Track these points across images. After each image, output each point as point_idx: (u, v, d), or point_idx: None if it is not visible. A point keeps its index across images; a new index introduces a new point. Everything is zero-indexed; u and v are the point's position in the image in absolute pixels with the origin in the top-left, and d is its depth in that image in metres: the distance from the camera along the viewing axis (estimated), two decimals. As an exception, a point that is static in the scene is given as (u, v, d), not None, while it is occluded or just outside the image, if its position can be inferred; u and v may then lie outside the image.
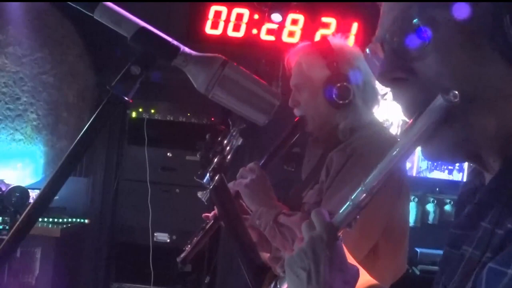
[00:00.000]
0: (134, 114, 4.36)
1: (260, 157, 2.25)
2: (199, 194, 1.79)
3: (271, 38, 4.40)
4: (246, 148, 4.30)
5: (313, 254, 1.01)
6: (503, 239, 0.80)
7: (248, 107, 1.09)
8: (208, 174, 1.65)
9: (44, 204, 1.10)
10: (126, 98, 1.09)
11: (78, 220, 4.34)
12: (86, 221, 4.38)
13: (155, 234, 4.24)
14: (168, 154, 4.34)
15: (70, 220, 4.25)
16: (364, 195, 0.96)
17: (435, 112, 0.85)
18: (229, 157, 1.73)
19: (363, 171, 1.96)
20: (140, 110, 4.36)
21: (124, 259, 4.35)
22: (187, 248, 2.11)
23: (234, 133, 1.72)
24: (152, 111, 4.36)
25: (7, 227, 3.12)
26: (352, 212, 0.99)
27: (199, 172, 1.67)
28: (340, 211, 1.01)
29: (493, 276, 0.76)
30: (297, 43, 2.22)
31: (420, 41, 0.86)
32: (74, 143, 1.08)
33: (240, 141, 1.75)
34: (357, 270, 1.06)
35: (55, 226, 4.03)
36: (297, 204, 2.09)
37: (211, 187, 1.68)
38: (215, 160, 1.65)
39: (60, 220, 4.14)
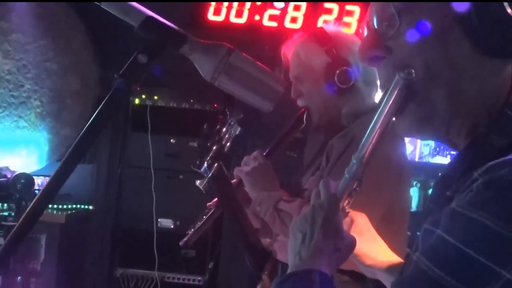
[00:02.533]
0: (137, 101, 4.37)
1: (263, 146, 2.29)
2: (198, 183, 1.81)
3: (274, 24, 4.39)
4: (248, 136, 4.33)
5: (312, 220, 1.10)
6: (442, 204, 0.86)
7: (253, 94, 1.11)
8: (205, 163, 1.67)
9: (53, 192, 1.13)
10: (134, 87, 1.10)
11: (83, 206, 4.38)
12: (91, 207, 4.42)
13: (159, 220, 4.26)
14: (171, 140, 4.35)
15: (74, 206, 4.28)
16: (356, 166, 1.05)
17: (394, 89, 0.94)
18: (227, 146, 1.75)
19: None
20: (143, 97, 4.36)
21: (129, 245, 4.38)
22: (189, 232, 2.14)
23: (232, 123, 1.73)
24: (155, 97, 4.36)
25: (12, 214, 3.13)
26: (350, 183, 1.08)
27: (197, 162, 1.69)
28: (340, 184, 1.10)
29: (426, 235, 0.84)
30: (299, 29, 2.24)
31: (395, 22, 0.93)
32: (82, 131, 1.10)
33: (238, 130, 1.77)
34: (353, 240, 1.14)
35: (59, 213, 4.06)
36: (298, 191, 2.12)
37: (210, 175, 1.70)
38: (213, 149, 1.67)
39: (65, 206, 4.17)
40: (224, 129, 1.71)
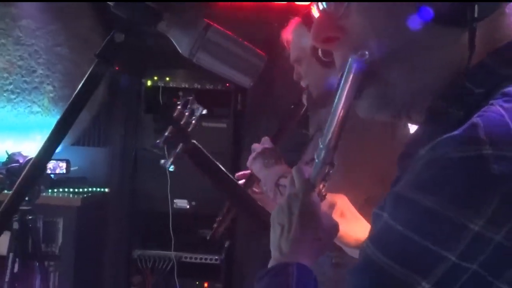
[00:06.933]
0: (149, 83, 4.37)
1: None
2: (162, 162, 1.83)
3: (283, 1, 4.36)
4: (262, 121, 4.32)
5: (288, 210, 1.08)
6: (391, 185, 0.83)
7: (233, 70, 1.10)
8: (162, 143, 1.69)
9: (39, 169, 1.13)
10: (112, 66, 1.09)
11: (98, 189, 4.40)
12: (106, 190, 4.44)
13: (174, 201, 4.28)
14: (184, 121, 4.35)
15: (90, 189, 4.31)
16: (324, 150, 1.02)
17: (349, 72, 0.89)
18: (191, 125, 1.76)
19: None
20: (155, 78, 4.36)
21: (146, 227, 4.41)
22: (215, 226, 2.22)
23: (191, 103, 1.74)
24: (167, 79, 4.36)
25: (26, 198, 3.16)
26: (322, 168, 1.05)
27: (158, 141, 1.70)
28: (313, 169, 1.07)
29: (375, 219, 0.81)
30: (309, 5, 2.24)
31: None
32: (64, 111, 1.10)
33: (200, 109, 1.78)
34: (334, 225, 1.13)
35: (75, 196, 4.09)
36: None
37: (176, 153, 1.72)
38: (169, 129, 1.67)
39: (81, 190, 4.20)
40: (180, 107, 1.70)
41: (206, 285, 4.32)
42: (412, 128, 1.10)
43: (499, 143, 0.68)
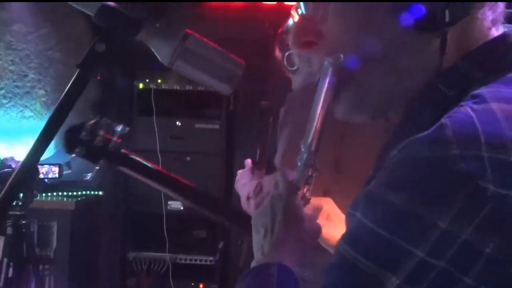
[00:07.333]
0: (141, 85, 4.38)
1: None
2: (88, 177, 1.85)
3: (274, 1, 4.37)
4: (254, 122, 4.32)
5: (271, 212, 1.08)
6: (365, 185, 0.84)
7: (212, 78, 1.10)
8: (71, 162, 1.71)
9: (28, 171, 1.14)
10: (95, 75, 1.11)
11: (92, 192, 4.40)
12: (100, 193, 4.45)
13: (168, 202, 4.29)
14: (177, 123, 4.37)
15: (84, 193, 4.31)
16: (306, 154, 1.04)
17: (326, 76, 0.92)
18: (112, 142, 1.78)
19: (296, 119, 2.10)
20: (147, 81, 4.38)
21: (140, 229, 4.42)
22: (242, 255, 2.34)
23: (104, 123, 1.75)
24: (159, 81, 4.38)
25: (19, 203, 3.16)
26: (304, 171, 1.07)
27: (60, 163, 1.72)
28: (296, 172, 1.08)
29: (349, 219, 0.83)
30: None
31: (319, 3, 0.90)
32: (46, 122, 1.11)
33: (120, 126, 1.80)
34: (317, 228, 1.14)
35: (69, 200, 4.09)
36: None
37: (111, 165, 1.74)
38: (78, 149, 1.68)
39: (74, 193, 4.20)
40: (88, 128, 1.70)
41: (201, 286, 4.33)
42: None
43: (466, 143, 0.70)
